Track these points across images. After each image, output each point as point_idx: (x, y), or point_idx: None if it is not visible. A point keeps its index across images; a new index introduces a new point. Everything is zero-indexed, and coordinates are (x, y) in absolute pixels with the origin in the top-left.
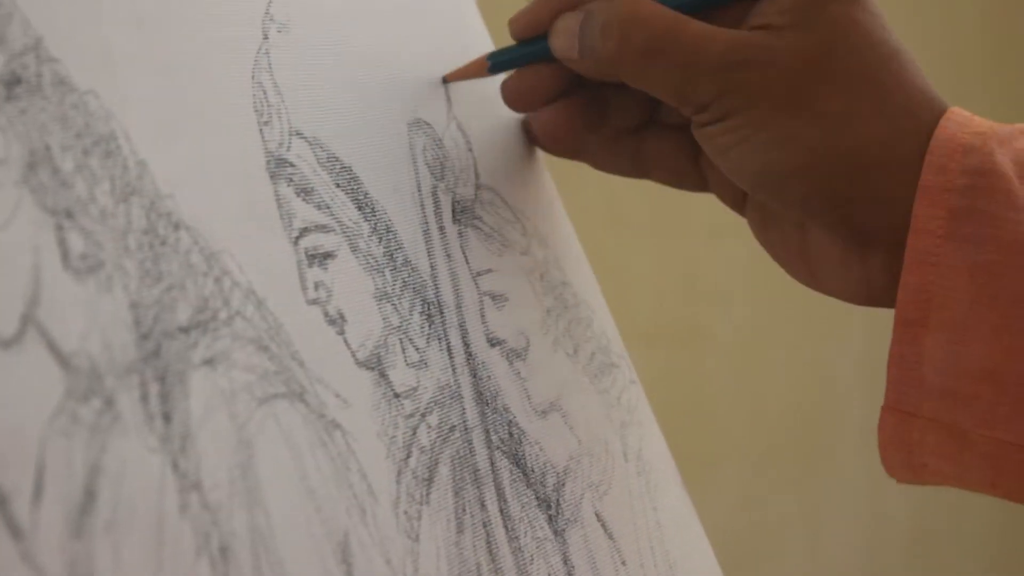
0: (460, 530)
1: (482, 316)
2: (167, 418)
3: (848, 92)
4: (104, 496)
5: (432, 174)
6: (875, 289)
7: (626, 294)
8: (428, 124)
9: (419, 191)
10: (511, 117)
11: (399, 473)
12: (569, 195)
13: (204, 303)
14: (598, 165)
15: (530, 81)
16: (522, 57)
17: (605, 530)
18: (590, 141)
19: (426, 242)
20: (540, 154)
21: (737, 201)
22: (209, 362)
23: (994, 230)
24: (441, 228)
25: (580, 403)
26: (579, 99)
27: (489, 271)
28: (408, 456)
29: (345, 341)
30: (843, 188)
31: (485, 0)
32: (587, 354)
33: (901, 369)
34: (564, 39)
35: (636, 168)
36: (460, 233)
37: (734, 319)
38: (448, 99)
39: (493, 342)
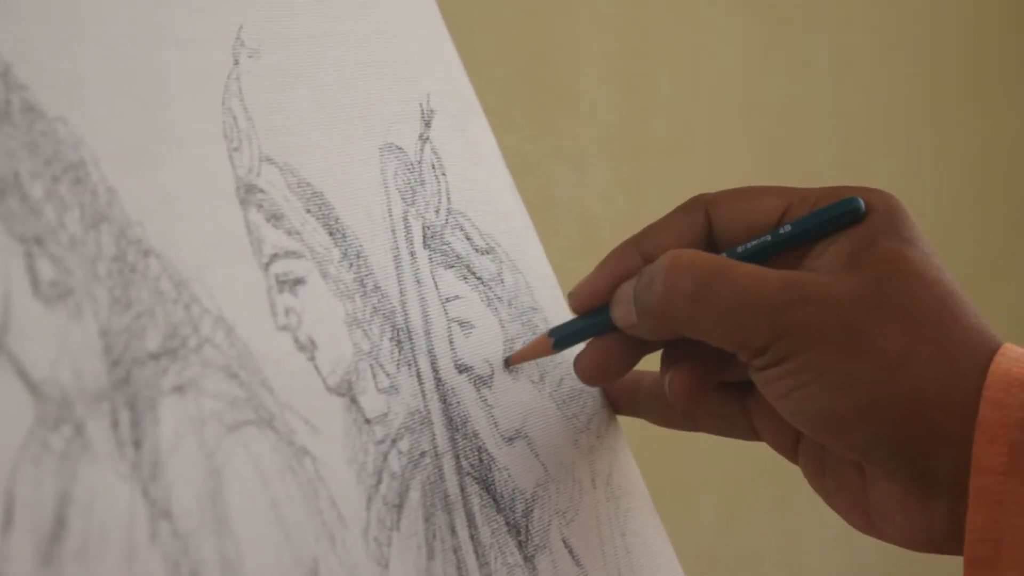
0: (431, 556)
1: (451, 342)
2: (137, 445)
3: (906, 332)
4: (74, 524)
5: (403, 199)
6: (937, 535)
7: None
8: (400, 148)
9: (390, 216)
10: (485, 142)
11: (369, 499)
12: (542, 221)
13: (174, 330)
14: (654, 420)
15: (601, 354)
16: (586, 331)
17: (573, 557)
18: (643, 400)
19: (396, 268)
20: (513, 180)
21: (788, 448)
22: (179, 389)
23: None
24: (412, 254)
25: (546, 430)
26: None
27: (457, 297)
28: (379, 482)
29: (315, 367)
30: (904, 431)
31: (455, 14)
32: (555, 380)
33: None
34: (623, 307)
35: (687, 422)
36: (430, 259)
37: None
38: (424, 122)
39: (461, 368)
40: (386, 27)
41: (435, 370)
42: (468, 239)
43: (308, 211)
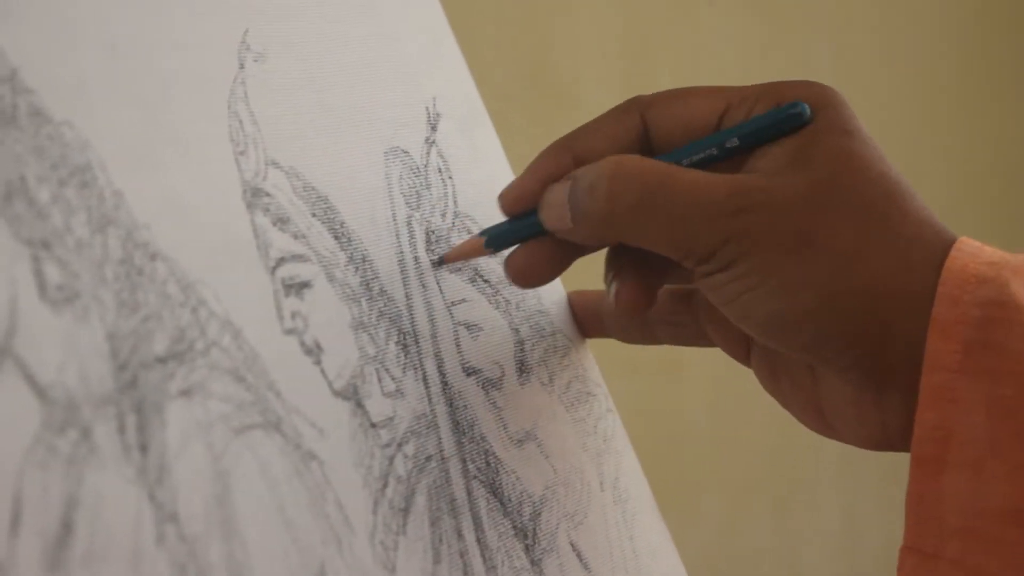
0: (437, 560)
1: (457, 346)
2: (144, 449)
3: (855, 228)
4: (81, 528)
5: (407, 203)
6: (891, 432)
7: None
8: (405, 152)
9: (394, 220)
10: (491, 146)
11: (376, 503)
12: None
13: (181, 333)
14: (619, 337)
15: (533, 257)
16: (518, 233)
17: (580, 560)
18: (608, 319)
19: (401, 272)
20: None
21: (741, 353)
22: (186, 393)
23: (1011, 364)
24: (416, 258)
25: (555, 432)
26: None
27: (463, 301)
28: (385, 486)
29: (322, 371)
30: (856, 327)
31: (456, 16)
32: (563, 383)
33: (920, 508)
34: (554, 210)
35: (645, 334)
36: (434, 263)
37: (714, 349)
38: (430, 125)
39: (469, 372)
40: (391, 30)
41: (441, 373)
42: None
43: (314, 215)
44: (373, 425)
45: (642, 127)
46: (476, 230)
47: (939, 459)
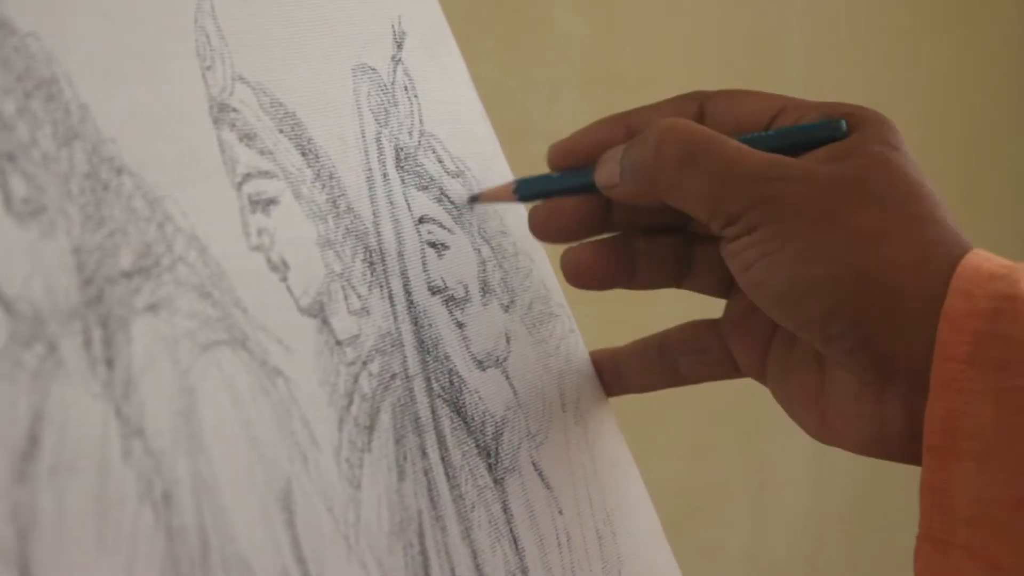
0: (401, 477)
1: (423, 264)
2: (110, 364)
3: (882, 215)
4: (47, 442)
5: (376, 120)
6: (889, 432)
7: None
8: (373, 69)
9: (363, 137)
10: (456, 67)
11: (341, 421)
12: (511, 146)
13: (147, 248)
14: (640, 387)
15: (560, 214)
16: (552, 188)
17: (542, 479)
18: (625, 372)
19: (369, 189)
20: (482, 104)
21: (759, 367)
22: (152, 308)
23: (1020, 354)
24: (384, 175)
25: (517, 353)
26: (611, 245)
27: (431, 219)
28: (350, 404)
29: (288, 288)
30: (867, 307)
31: None
32: (524, 304)
33: (932, 497)
34: (609, 167)
35: (665, 370)
36: (403, 180)
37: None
38: (396, 43)
39: (434, 290)
40: None
41: (407, 292)
42: (440, 161)
43: (281, 131)
44: (339, 343)
45: (699, 115)
46: (440, 150)
47: (949, 449)
